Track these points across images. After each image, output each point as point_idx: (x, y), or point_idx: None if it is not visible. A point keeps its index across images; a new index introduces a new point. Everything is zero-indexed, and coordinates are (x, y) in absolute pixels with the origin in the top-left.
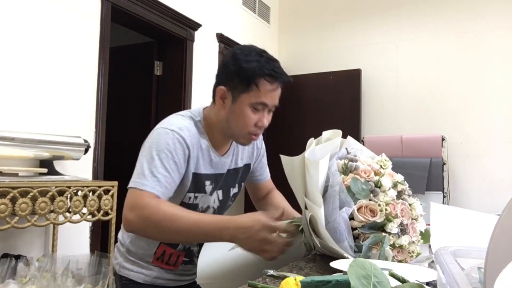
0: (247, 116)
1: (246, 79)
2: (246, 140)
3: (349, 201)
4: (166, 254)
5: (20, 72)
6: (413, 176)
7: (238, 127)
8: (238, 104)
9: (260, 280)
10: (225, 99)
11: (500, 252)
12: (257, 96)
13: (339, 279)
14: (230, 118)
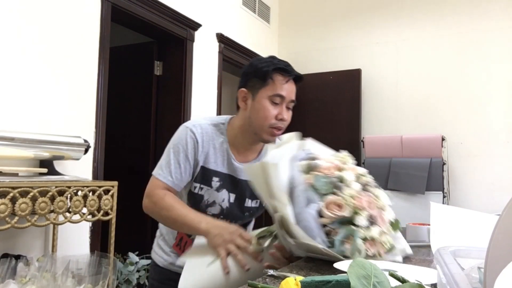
0: (267, 109)
1: (262, 75)
2: (268, 134)
3: (314, 198)
4: (183, 241)
5: (20, 72)
6: (413, 176)
7: (260, 121)
8: (258, 100)
9: (260, 280)
10: (247, 99)
11: (500, 252)
12: (273, 89)
13: (339, 279)
14: (252, 114)
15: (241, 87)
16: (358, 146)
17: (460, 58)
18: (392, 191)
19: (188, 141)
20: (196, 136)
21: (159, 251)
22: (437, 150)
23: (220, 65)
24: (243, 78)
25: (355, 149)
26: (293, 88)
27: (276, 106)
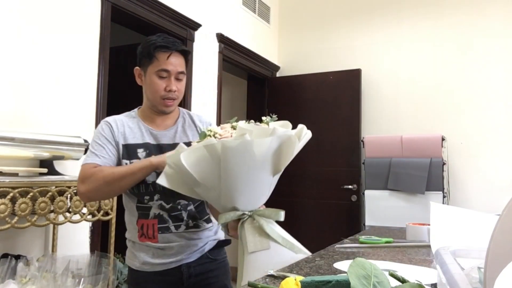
0: (155, 83)
1: (148, 53)
2: (162, 106)
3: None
4: (144, 226)
5: (20, 72)
6: (413, 176)
7: (152, 95)
8: (148, 76)
9: (260, 280)
10: (142, 76)
11: (500, 252)
12: (158, 65)
13: (339, 279)
14: (146, 90)
15: (136, 66)
16: (358, 146)
17: (460, 58)
18: (392, 191)
19: (104, 128)
20: (109, 122)
21: (130, 254)
22: (437, 150)
23: (220, 65)
24: (138, 57)
25: (355, 149)
26: (180, 61)
27: (164, 80)
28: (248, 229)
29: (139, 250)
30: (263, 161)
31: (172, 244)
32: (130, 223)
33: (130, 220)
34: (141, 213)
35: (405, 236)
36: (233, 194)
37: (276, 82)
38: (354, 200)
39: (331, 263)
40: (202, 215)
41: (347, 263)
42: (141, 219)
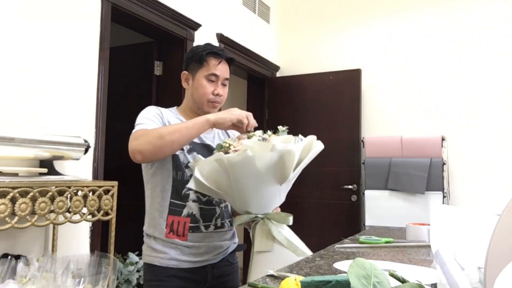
0: (204, 86)
1: (199, 58)
2: (210, 108)
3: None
4: (174, 223)
5: (20, 72)
6: (413, 176)
7: (200, 97)
8: (196, 79)
9: (260, 280)
10: (188, 80)
11: (500, 252)
12: (208, 69)
13: (339, 279)
14: (194, 92)
15: (183, 71)
16: (358, 146)
17: (461, 58)
18: (392, 191)
19: (154, 110)
20: (158, 108)
21: (151, 252)
22: (437, 150)
23: None
24: (185, 63)
25: (355, 149)
26: (226, 68)
27: (212, 84)
28: (257, 230)
29: (166, 246)
30: (267, 173)
31: (201, 244)
32: (155, 218)
33: (155, 215)
34: (173, 210)
35: (405, 236)
36: (244, 200)
37: (276, 82)
38: (354, 200)
39: (331, 263)
40: (228, 215)
41: (347, 263)
42: (172, 216)
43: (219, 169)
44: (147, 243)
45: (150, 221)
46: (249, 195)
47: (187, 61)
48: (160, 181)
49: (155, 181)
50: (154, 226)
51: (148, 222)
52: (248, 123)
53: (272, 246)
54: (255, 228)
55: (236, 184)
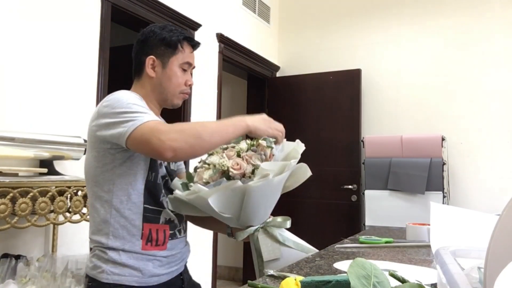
0: (178, 76)
1: (173, 44)
2: (179, 99)
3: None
4: (152, 231)
5: (20, 72)
6: (413, 176)
7: (172, 88)
8: (169, 67)
9: (260, 280)
10: (155, 67)
11: (500, 252)
12: (184, 57)
13: (339, 279)
14: (163, 81)
15: (148, 55)
16: (358, 146)
17: (460, 58)
18: (392, 191)
19: (137, 97)
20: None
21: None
22: (437, 150)
23: (220, 65)
24: (146, 46)
25: (355, 149)
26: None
27: (185, 73)
28: (261, 240)
29: (141, 260)
30: (279, 189)
31: (177, 252)
32: (124, 227)
33: (124, 224)
34: (149, 216)
35: (405, 236)
36: (250, 217)
37: (276, 82)
38: (354, 200)
39: (331, 263)
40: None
41: (347, 263)
42: (148, 223)
43: (231, 194)
44: (107, 258)
45: (114, 231)
46: (257, 211)
47: (152, 45)
48: (131, 182)
49: (123, 182)
50: (121, 237)
51: (109, 232)
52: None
53: (281, 252)
54: (257, 238)
55: (248, 205)
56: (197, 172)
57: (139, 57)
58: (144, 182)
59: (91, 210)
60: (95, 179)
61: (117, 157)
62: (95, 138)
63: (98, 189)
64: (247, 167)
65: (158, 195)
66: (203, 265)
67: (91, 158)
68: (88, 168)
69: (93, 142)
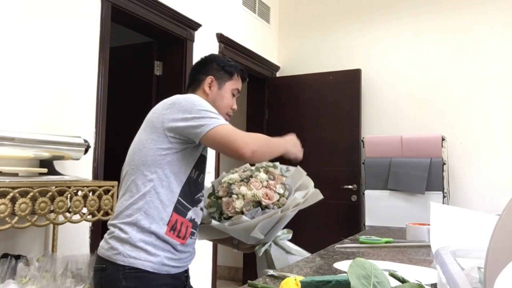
0: (230, 99)
1: (231, 72)
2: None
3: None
4: (178, 222)
5: (20, 72)
6: (413, 176)
7: (222, 107)
8: (224, 89)
9: (260, 280)
10: (211, 86)
11: (500, 252)
12: (236, 84)
13: (339, 279)
14: (217, 99)
15: (208, 75)
16: (358, 146)
17: (460, 58)
18: (392, 191)
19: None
20: None
21: (140, 253)
22: (437, 150)
23: None
24: (209, 68)
25: (355, 149)
26: None
27: (233, 99)
28: (273, 251)
29: (157, 248)
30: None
31: (188, 249)
32: (156, 209)
33: (158, 206)
34: (179, 209)
35: (405, 236)
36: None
37: (276, 82)
38: (354, 200)
39: (331, 263)
40: None
41: (347, 263)
42: (177, 214)
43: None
44: (127, 239)
45: (147, 209)
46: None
47: (214, 68)
48: (176, 172)
49: (170, 170)
50: (151, 216)
51: (141, 208)
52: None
53: (288, 260)
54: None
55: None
56: (222, 201)
57: (198, 76)
58: (186, 177)
59: (129, 186)
60: (145, 158)
61: (175, 147)
62: (161, 124)
63: (144, 168)
64: (274, 195)
65: (195, 193)
66: (203, 265)
67: (148, 139)
68: (140, 148)
69: (157, 128)
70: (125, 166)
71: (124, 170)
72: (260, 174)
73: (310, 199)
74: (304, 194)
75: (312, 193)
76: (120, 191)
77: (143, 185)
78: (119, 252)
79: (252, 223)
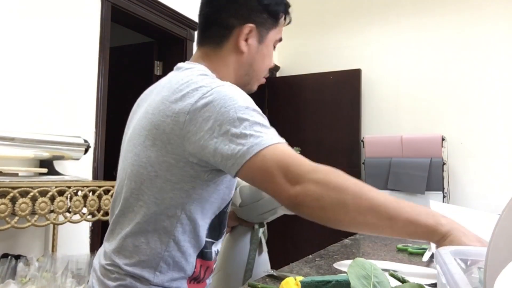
0: (271, 57)
1: (277, 14)
2: (258, 83)
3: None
4: (202, 269)
5: (20, 72)
6: (413, 176)
7: (262, 71)
8: (266, 43)
9: (260, 280)
10: (250, 39)
11: (500, 252)
12: (279, 32)
13: (339, 279)
14: (257, 60)
15: (245, 21)
16: (358, 146)
17: (460, 58)
18: (392, 191)
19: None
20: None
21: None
22: (437, 150)
23: None
24: (245, 6)
25: (355, 149)
26: None
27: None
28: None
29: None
30: None
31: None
32: (176, 265)
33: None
34: (207, 252)
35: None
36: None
37: (276, 82)
38: None
39: (331, 263)
40: None
41: (347, 263)
42: (202, 260)
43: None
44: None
45: (163, 268)
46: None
47: (253, 8)
48: (204, 211)
49: (195, 210)
50: (170, 275)
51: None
52: None
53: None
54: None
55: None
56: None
57: (227, 19)
58: (218, 212)
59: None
60: (159, 195)
61: (202, 177)
62: (180, 141)
63: (158, 209)
64: None
65: (223, 227)
66: None
67: (162, 164)
68: (152, 176)
69: (174, 145)
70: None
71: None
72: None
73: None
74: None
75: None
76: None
77: (157, 236)
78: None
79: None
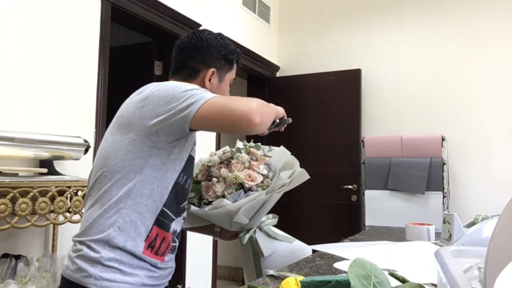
0: (228, 91)
1: (231, 60)
2: None
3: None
4: (158, 238)
5: (20, 72)
6: (413, 176)
7: None
8: (224, 82)
9: (260, 280)
10: (212, 79)
11: (500, 252)
12: (234, 73)
13: (339, 279)
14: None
15: (209, 67)
16: (358, 146)
17: (460, 58)
18: (392, 191)
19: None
20: None
21: (115, 275)
22: (437, 150)
23: None
24: (208, 55)
25: (355, 149)
26: None
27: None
28: (259, 238)
29: (135, 268)
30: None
31: (168, 266)
32: (133, 224)
33: (135, 220)
34: (162, 221)
35: (405, 236)
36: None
37: (276, 82)
38: (354, 200)
39: (331, 263)
40: None
41: (347, 263)
42: (158, 228)
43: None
44: (97, 258)
45: (122, 224)
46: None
47: (214, 56)
48: (160, 178)
49: (151, 175)
50: (127, 233)
51: (115, 222)
52: None
53: (274, 246)
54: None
55: (263, 211)
56: (202, 185)
57: (193, 63)
58: (173, 183)
59: (100, 196)
60: (121, 163)
61: (158, 147)
62: (140, 120)
63: (121, 174)
64: (258, 176)
65: (181, 201)
66: (203, 265)
67: (125, 140)
68: (115, 151)
69: (135, 125)
70: (93, 172)
71: (93, 177)
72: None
73: (297, 180)
74: (290, 174)
75: (299, 173)
76: (88, 201)
77: (118, 195)
78: (90, 275)
79: (235, 206)
